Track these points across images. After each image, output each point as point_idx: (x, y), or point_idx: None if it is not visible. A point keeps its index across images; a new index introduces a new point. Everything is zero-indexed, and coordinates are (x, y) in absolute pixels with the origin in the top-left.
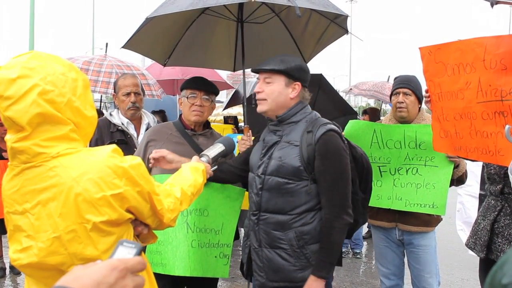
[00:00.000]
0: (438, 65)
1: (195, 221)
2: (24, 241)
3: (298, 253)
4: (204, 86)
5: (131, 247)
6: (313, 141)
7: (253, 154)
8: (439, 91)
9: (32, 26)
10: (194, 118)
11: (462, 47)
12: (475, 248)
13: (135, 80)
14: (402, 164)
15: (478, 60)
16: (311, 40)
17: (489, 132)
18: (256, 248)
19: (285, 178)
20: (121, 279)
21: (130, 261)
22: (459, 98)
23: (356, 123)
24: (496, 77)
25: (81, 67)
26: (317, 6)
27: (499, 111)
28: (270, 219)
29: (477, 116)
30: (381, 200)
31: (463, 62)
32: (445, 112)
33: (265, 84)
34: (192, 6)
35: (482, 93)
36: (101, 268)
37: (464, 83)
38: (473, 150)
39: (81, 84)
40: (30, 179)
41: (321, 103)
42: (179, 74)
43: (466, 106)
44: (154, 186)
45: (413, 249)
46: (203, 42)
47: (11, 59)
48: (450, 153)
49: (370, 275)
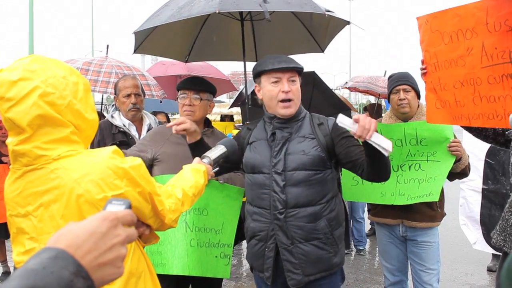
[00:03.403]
0: (434, 34)
1: (194, 220)
2: (27, 243)
3: (331, 240)
4: (193, 85)
5: (119, 204)
6: (328, 131)
7: (256, 154)
8: (435, 61)
9: (31, 31)
10: (186, 118)
11: (460, 12)
12: (505, 245)
13: (135, 82)
14: (405, 160)
15: (480, 24)
16: (322, 30)
17: (497, 96)
18: (289, 246)
19: (313, 169)
20: (113, 229)
21: (120, 213)
22: (459, 65)
23: None
24: (502, 39)
25: (82, 68)
26: (291, 7)
27: (507, 74)
28: (301, 213)
29: (482, 81)
30: (385, 197)
31: (462, 28)
32: (442, 81)
33: (291, 83)
34: (171, 19)
35: (488, 57)
36: (93, 219)
37: (465, 49)
38: (477, 117)
39: (82, 88)
40: (32, 181)
41: (316, 101)
42: (184, 70)
43: (469, 72)
44: (155, 186)
45: (416, 245)
46: (222, 37)
47: (13, 62)
48: (447, 123)
49: (374, 272)
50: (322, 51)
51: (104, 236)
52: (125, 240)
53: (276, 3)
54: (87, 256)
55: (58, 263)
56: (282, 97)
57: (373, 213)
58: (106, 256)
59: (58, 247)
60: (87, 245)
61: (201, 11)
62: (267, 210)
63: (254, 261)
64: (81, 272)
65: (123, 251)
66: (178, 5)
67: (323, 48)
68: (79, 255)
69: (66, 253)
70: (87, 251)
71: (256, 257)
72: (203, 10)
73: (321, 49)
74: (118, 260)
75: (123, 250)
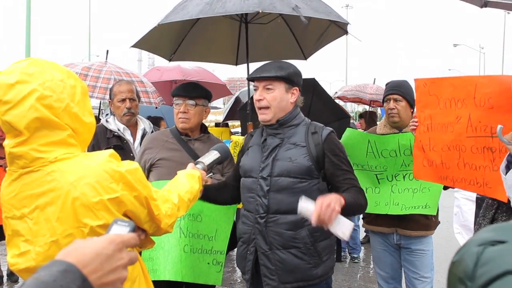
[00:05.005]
0: (432, 97)
1: (188, 226)
2: (22, 245)
3: (312, 251)
4: (187, 92)
5: (124, 225)
6: (320, 140)
7: (249, 159)
8: (429, 122)
9: (28, 35)
10: (181, 125)
11: (455, 83)
12: None
13: (130, 87)
14: (399, 170)
15: (469, 97)
16: (312, 38)
17: (478, 165)
18: (266, 251)
19: (297, 177)
20: (118, 252)
21: (126, 236)
22: (449, 131)
23: (351, 132)
24: (486, 115)
25: (80, 73)
26: (320, 14)
27: (488, 147)
28: (281, 219)
29: (466, 149)
30: (379, 206)
31: (455, 97)
32: (432, 142)
33: (265, 91)
34: (203, 14)
35: (472, 128)
36: (100, 240)
37: (455, 117)
38: (460, 180)
39: (80, 91)
40: (28, 184)
41: (316, 108)
42: (179, 75)
43: (456, 138)
44: (151, 191)
45: (410, 253)
46: (207, 38)
47: (10, 65)
48: (433, 181)
49: (368, 280)
50: (305, 58)
51: (110, 258)
52: (127, 264)
53: (306, 9)
54: (92, 275)
55: (67, 276)
56: (257, 105)
57: (367, 221)
58: (109, 277)
59: (68, 261)
60: (94, 265)
61: (239, 9)
62: (252, 213)
63: (239, 262)
64: (88, 287)
65: (124, 273)
66: (204, 1)
67: (306, 57)
68: (85, 272)
69: (75, 268)
70: (93, 270)
71: (240, 259)
72: (242, 8)
73: (304, 57)
74: (118, 282)
75: (125, 273)
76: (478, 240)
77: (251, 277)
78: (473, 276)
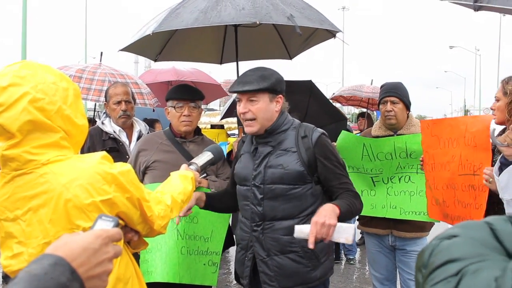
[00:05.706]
0: (433, 138)
1: (185, 228)
2: (15, 247)
3: (309, 254)
4: (190, 95)
5: (109, 221)
6: (310, 144)
7: (242, 167)
8: (433, 162)
9: (24, 37)
10: (184, 128)
11: (452, 123)
12: None
13: (125, 89)
14: (395, 173)
15: (461, 137)
16: (299, 39)
17: (466, 203)
18: (264, 258)
19: (291, 184)
20: (104, 246)
21: (111, 231)
22: (446, 169)
23: (346, 135)
24: (471, 153)
25: (75, 75)
26: (313, 23)
27: (471, 184)
28: (277, 225)
29: (458, 187)
30: (375, 209)
31: (452, 137)
32: (436, 181)
33: (249, 103)
34: (198, 23)
35: (462, 166)
36: (87, 235)
37: (451, 156)
38: (456, 219)
39: (72, 93)
40: (21, 186)
41: (312, 110)
42: (174, 76)
43: (451, 177)
44: (144, 192)
45: (404, 254)
46: (192, 37)
47: (3, 68)
48: (441, 220)
49: (363, 281)
50: (290, 58)
51: (96, 252)
52: (113, 257)
53: (300, 18)
54: (80, 268)
55: (57, 269)
56: (242, 117)
57: (362, 222)
58: (96, 270)
59: (57, 255)
60: (82, 258)
61: (235, 19)
62: (248, 221)
63: (237, 267)
64: (76, 278)
65: (110, 266)
66: (198, 8)
67: (291, 57)
68: (74, 265)
69: (64, 261)
70: (81, 263)
71: (238, 264)
72: (238, 18)
73: (290, 57)
74: (104, 274)
75: (110, 265)
76: (441, 235)
77: (249, 283)
78: (426, 265)
